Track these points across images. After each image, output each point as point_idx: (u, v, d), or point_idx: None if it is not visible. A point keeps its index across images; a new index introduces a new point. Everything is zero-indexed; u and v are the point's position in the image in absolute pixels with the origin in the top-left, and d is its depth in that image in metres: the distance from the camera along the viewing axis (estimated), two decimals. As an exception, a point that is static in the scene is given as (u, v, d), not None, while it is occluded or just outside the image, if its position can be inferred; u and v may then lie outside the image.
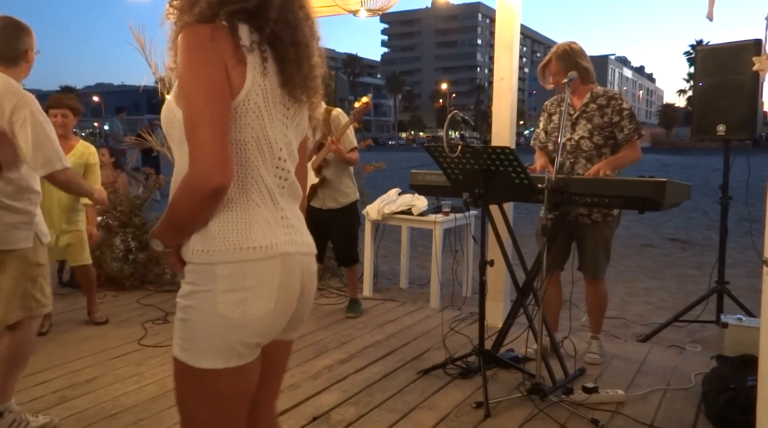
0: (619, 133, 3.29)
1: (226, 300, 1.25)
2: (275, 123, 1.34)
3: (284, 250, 1.31)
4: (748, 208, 5.31)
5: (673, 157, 32.16)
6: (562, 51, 3.31)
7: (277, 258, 1.29)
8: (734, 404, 2.59)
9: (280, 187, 1.37)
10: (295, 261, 1.35)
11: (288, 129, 1.39)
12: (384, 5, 4.18)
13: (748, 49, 3.79)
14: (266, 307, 1.28)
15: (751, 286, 5.25)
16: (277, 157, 1.36)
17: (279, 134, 1.36)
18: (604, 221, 3.32)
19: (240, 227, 1.28)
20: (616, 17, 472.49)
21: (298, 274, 1.36)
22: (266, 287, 1.28)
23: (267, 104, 1.31)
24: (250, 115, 1.29)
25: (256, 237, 1.28)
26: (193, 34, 1.24)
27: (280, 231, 1.33)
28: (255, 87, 1.28)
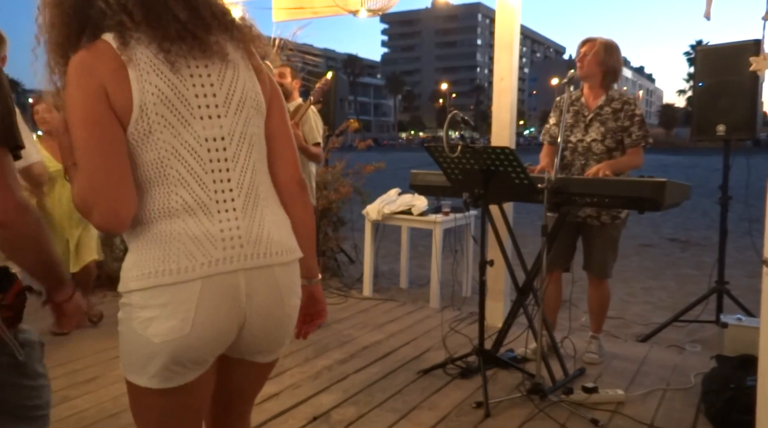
0: (626, 138, 3.29)
1: (140, 317, 1.16)
2: (194, 121, 1.19)
3: (206, 272, 1.16)
4: (748, 208, 5.30)
5: (673, 157, 32.16)
6: (610, 42, 3.30)
7: (195, 282, 1.15)
8: (734, 404, 2.59)
9: (220, 193, 1.21)
10: (228, 279, 1.18)
11: (224, 118, 1.22)
12: (384, 5, 4.19)
13: (748, 49, 3.79)
14: (181, 330, 1.15)
15: (751, 286, 5.25)
16: (208, 160, 1.20)
17: (209, 131, 1.20)
18: (612, 223, 3.33)
19: (155, 249, 1.17)
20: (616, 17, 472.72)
21: (235, 293, 1.19)
22: (180, 309, 1.15)
23: (172, 106, 1.16)
24: (155, 129, 1.15)
25: (173, 259, 1.15)
26: (73, 61, 1.15)
27: (213, 247, 1.18)
28: (147, 96, 1.14)
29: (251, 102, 1.26)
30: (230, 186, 1.22)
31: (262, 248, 1.23)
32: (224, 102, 1.22)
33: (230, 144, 1.22)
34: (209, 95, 1.21)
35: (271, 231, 1.26)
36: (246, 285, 1.20)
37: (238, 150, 1.24)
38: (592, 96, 3.38)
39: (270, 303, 1.25)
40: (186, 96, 1.18)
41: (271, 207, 1.29)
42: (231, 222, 1.21)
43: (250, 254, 1.21)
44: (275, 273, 1.25)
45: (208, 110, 1.20)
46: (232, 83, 1.23)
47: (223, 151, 1.22)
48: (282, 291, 1.26)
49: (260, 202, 1.26)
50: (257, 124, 1.28)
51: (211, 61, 1.22)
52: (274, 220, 1.28)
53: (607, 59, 3.29)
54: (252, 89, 1.27)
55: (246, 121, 1.25)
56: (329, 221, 5.65)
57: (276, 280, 1.25)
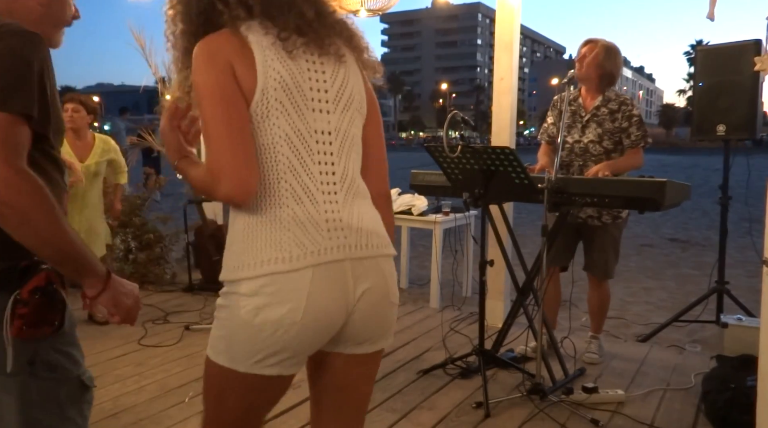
0: (625, 139, 3.29)
1: (249, 305, 1.18)
2: (307, 112, 1.24)
3: (317, 260, 1.19)
4: (748, 208, 5.30)
5: (673, 157, 32.16)
6: (611, 45, 3.29)
7: (307, 270, 1.18)
8: (734, 404, 2.59)
9: (325, 185, 1.24)
10: (337, 267, 1.21)
11: (332, 114, 1.27)
12: (384, 5, 4.18)
13: (748, 49, 3.79)
14: (292, 318, 1.17)
15: (751, 286, 5.24)
16: (316, 151, 1.24)
17: (318, 124, 1.25)
18: (613, 223, 3.32)
19: (266, 235, 1.19)
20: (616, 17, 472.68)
21: (343, 281, 1.22)
22: (292, 297, 1.17)
23: (290, 93, 1.22)
24: (273, 114, 1.20)
25: (285, 246, 1.18)
26: (199, 45, 1.21)
27: (320, 235, 1.21)
28: (269, 81, 1.19)
29: (357, 104, 1.31)
30: (334, 179, 1.26)
31: (364, 239, 1.27)
32: (334, 98, 1.27)
33: (335, 139, 1.27)
34: (322, 90, 1.26)
35: (371, 224, 1.30)
36: (353, 274, 1.24)
37: (342, 146, 1.28)
38: (589, 97, 3.38)
39: (377, 292, 1.27)
40: (302, 86, 1.23)
41: (369, 206, 1.33)
42: (335, 213, 1.24)
43: (355, 244, 1.25)
44: (380, 263, 1.29)
45: (320, 104, 1.25)
46: (343, 82, 1.29)
47: (329, 145, 1.26)
48: (388, 280, 1.30)
49: (359, 198, 1.30)
50: (358, 126, 1.33)
51: (327, 58, 1.27)
52: (372, 216, 1.32)
53: (606, 63, 3.28)
54: (359, 92, 1.32)
55: (350, 121, 1.30)
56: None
57: (382, 270, 1.29)
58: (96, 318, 4.12)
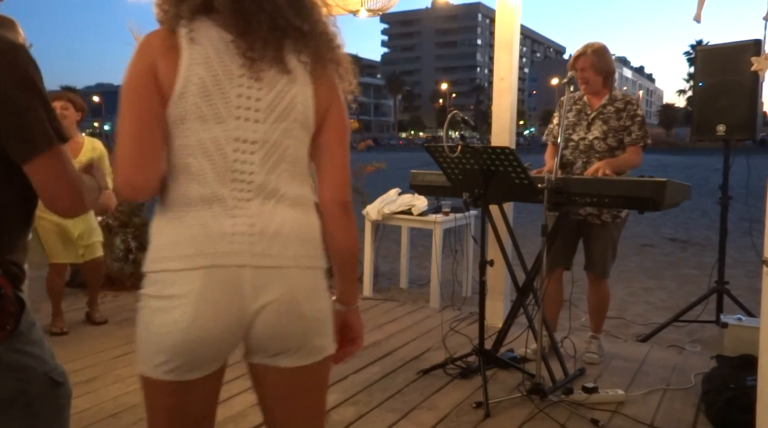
0: (626, 137, 3.31)
1: (149, 306, 1.20)
2: (229, 119, 1.19)
3: (210, 262, 1.16)
4: (748, 208, 5.31)
5: (673, 157, 32.17)
6: (599, 47, 3.32)
7: (198, 271, 1.16)
8: (734, 404, 2.59)
9: (238, 192, 1.21)
10: (233, 273, 1.18)
11: (262, 123, 1.21)
12: (384, 5, 4.18)
13: (748, 49, 3.79)
14: (181, 322, 1.16)
15: (751, 286, 5.25)
16: (233, 159, 1.20)
17: (241, 132, 1.20)
18: (613, 222, 3.33)
19: (168, 233, 1.20)
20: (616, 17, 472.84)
21: (237, 288, 1.18)
22: (183, 301, 1.16)
23: (211, 99, 1.18)
24: (189, 118, 1.18)
25: (181, 246, 1.18)
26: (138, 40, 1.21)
27: (222, 239, 1.18)
28: (189, 85, 1.16)
29: (297, 115, 1.24)
30: (250, 187, 1.22)
31: (276, 248, 1.21)
32: (267, 108, 1.22)
33: (260, 148, 1.22)
34: (253, 98, 1.21)
35: (293, 234, 1.24)
36: (253, 282, 1.19)
37: (267, 156, 1.23)
38: (595, 97, 3.40)
39: (283, 304, 1.21)
40: (228, 93, 1.19)
41: (297, 215, 1.26)
42: (244, 219, 1.20)
43: (262, 252, 1.20)
44: (290, 274, 1.23)
45: (247, 112, 1.20)
46: (281, 92, 1.22)
47: (251, 155, 1.22)
48: (297, 292, 1.23)
49: (283, 208, 1.24)
50: (298, 137, 1.26)
51: (266, 66, 1.21)
52: (300, 225, 1.26)
53: (602, 64, 3.32)
54: (302, 103, 1.24)
55: (285, 132, 1.24)
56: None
57: (291, 281, 1.22)
58: (94, 320, 4.13)
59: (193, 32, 1.18)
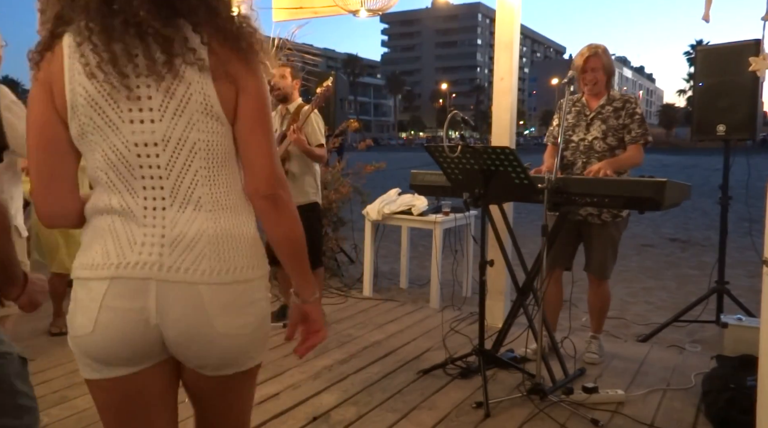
0: (626, 135, 3.32)
1: (70, 308, 1.21)
2: (123, 125, 1.13)
3: (115, 273, 1.14)
4: (748, 208, 5.30)
5: (673, 157, 32.16)
6: (604, 48, 3.35)
7: (104, 280, 1.14)
8: (734, 404, 2.59)
9: (150, 200, 1.16)
10: (137, 285, 1.14)
11: (158, 122, 1.13)
12: (384, 5, 4.19)
13: (748, 49, 3.79)
14: (85, 327, 1.16)
15: (751, 286, 5.25)
16: (137, 165, 1.14)
17: (139, 136, 1.14)
18: (613, 222, 3.33)
19: (85, 243, 1.20)
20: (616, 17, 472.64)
21: (141, 301, 1.14)
22: (89, 307, 1.16)
23: (100, 109, 1.12)
24: (87, 131, 1.14)
25: (93, 255, 1.17)
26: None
27: (130, 249, 1.15)
28: (77, 98, 1.12)
29: (196, 105, 1.14)
30: (163, 194, 1.16)
31: (187, 263, 1.15)
32: (160, 105, 1.13)
33: (164, 150, 1.14)
34: (144, 97, 1.12)
35: (207, 247, 1.16)
36: (158, 296, 1.14)
37: (174, 156, 1.15)
38: (594, 97, 3.40)
39: (191, 321, 1.15)
40: (116, 98, 1.12)
41: (220, 221, 1.18)
42: (156, 228, 1.15)
43: (169, 266, 1.14)
44: (200, 291, 1.15)
45: (141, 114, 1.13)
46: (172, 84, 1.13)
47: (156, 158, 1.15)
48: (208, 309, 1.15)
49: (201, 214, 1.17)
50: (206, 129, 1.16)
51: (149, 58, 1.11)
52: (217, 236, 1.17)
53: (609, 64, 3.38)
54: (199, 91, 1.14)
55: (188, 126, 1.14)
56: (329, 221, 5.65)
57: (200, 298, 1.15)
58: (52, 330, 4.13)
59: (68, 42, 1.13)
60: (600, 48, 3.33)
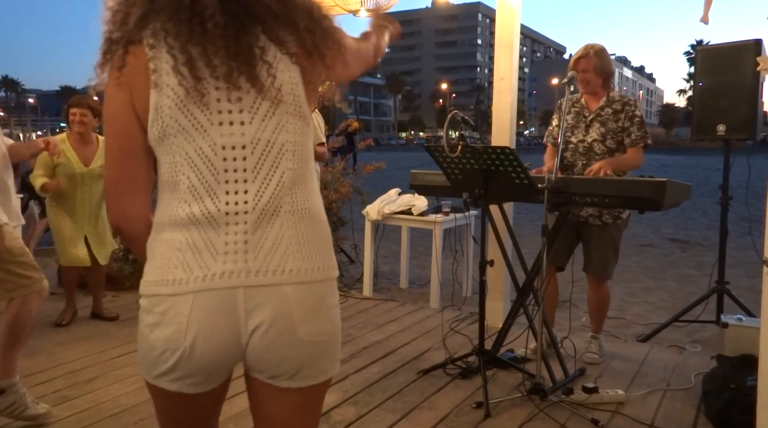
0: (626, 138, 3.31)
1: (146, 321, 1.16)
2: (212, 128, 1.11)
3: (200, 287, 1.11)
4: (748, 208, 5.30)
5: (673, 157, 32.16)
6: (599, 48, 3.32)
7: (188, 295, 1.11)
8: (734, 404, 2.59)
9: (233, 205, 1.12)
10: (225, 295, 1.11)
11: (248, 124, 1.12)
12: (384, 5, 4.18)
13: (748, 49, 3.79)
14: (177, 340, 1.12)
15: (751, 286, 5.25)
16: (223, 170, 1.12)
17: (228, 138, 1.11)
18: (614, 223, 3.33)
19: (158, 256, 1.15)
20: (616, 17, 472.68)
21: (231, 311, 1.11)
22: (177, 320, 1.12)
23: (187, 109, 1.10)
24: (169, 133, 1.11)
25: (171, 270, 1.12)
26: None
27: (213, 260, 1.11)
28: (163, 98, 1.09)
29: (287, 106, 1.13)
30: (246, 198, 1.12)
31: (273, 265, 1.13)
32: (251, 106, 1.11)
33: (252, 153, 1.12)
34: (233, 99, 1.11)
35: (290, 248, 1.14)
36: (246, 303, 1.11)
37: (262, 160, 1.13)
38: (593, 98, 3.39)
39: (276, 327, 1.13)
40: (206, 100, 1.10)
41: (299, 223, 1.16)
42: (239, 235, 1.12)
43: (255, 270, 1.12)
44: (285, 292, 1.13)
45: (230, 116, 1.11)
46: (265, 83, 1.11)
47: (243, 161, 1.12)
48: (293, 312, 1.13)
49: (282, 217, 1.15)
50: (295, 131, 1.15)
51: (240, 55, 1.10)
52: (298, 236, 1.16)
53: (603, 65, 3.32)
54: (290, 92, 1.13)
55: (277, 128, 1.13)
56: (329, 221, 5.64)
57: (285, 300, 1.13)
58: (104, 316, 4.21)
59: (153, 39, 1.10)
60: (594, 49, 3.30)
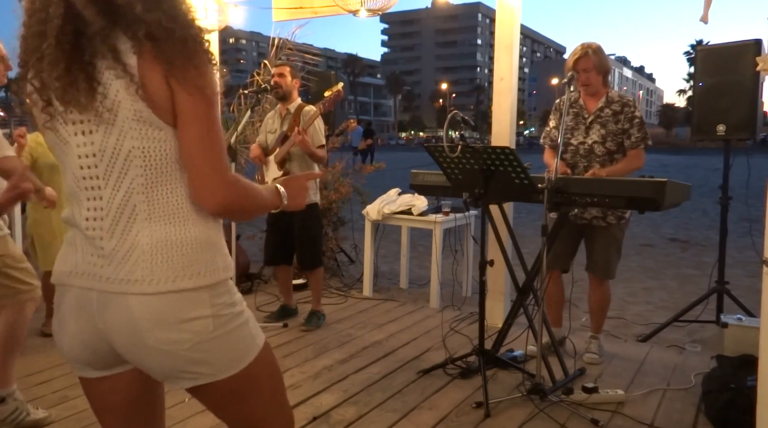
0: (626, 140, 3.31)
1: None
2: (70, 138, 1.17)
3: (68, 281, 1.22)
4: (748, 208, 5.30)
5: (673, 157, 32.14)
6: (596, 46, 3.31)
7: (61, 287, 1.25)
8: (734, 404, 2.59)
9: (92, 211, 1.18)
10: (83, 295, 1.19)
11: (95, 133, 1.14)
12: (384, 5, 4.18)
13: (748, 49, 3.79)
14: (55, 327, 1.28)
15: (751, 286, 5.25)
16: (81, 177, 1.18)
17: (82, 148, 1.16)
18: (617, 223, 3.33)
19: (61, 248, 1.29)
20: (616, 17, 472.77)
21: (88, 311, 1.19)
22: (57, 309, 1.27)
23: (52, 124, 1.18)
24: (51, 145, 1.23)
25: (59, 261, 1.26)
26: None
27: (82, 258, 1.20)
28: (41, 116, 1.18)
29: (127, 112, 1.11)
30: (101, 204, 1.17)
31: (123, 273, 1.15)
32: (96, 115, 1.13)
33: (101, 160, 1.15)
34: (80, 107, 1.13)
35: (142, 257, 1.14)
36: (98, 306, 1.18)
37: (110, 166, 1.15)
38: (591, 98, 3.39)
39: (126, 332, 1.16)
40: (63, 115, 1.16)
41: (157, 230, 1.15)
42: (96, 241, 1.18)
43: (107, 277, 1.16)
44: (129, 303, 1.14)
45: (82, 126, 1.15)
46: (103, 91, 1.11)
47: (95, 168, 1.16)
48: (138, 321, 1.14)
49: (137, 223, 1.15)
50: (142, 137, 1.13)
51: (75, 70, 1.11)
52: (153, 244, 1.15)
53: (602, 63, 3.32)
54: (127, 98, 1.11)
55: (120, 134, 1.13)
56: (329, 221, 5.65)
57: (130, 310, 1.14)
58: None
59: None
60: (591, 47, 3.29)
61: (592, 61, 3.27)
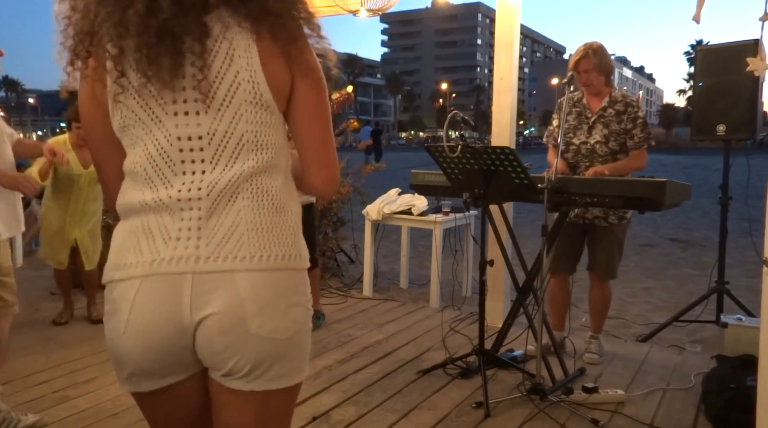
0: (629, 140, 3.31)
1: (105, 311, 1.15)
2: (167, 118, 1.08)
3: (147, 271, 1.07)
4: (748, 208, 5.31)
5: (673, 157, 32.14)
6: (598, 46, 3.31)
7: (136, 279, 1.08)
8: (734, 404, 2.59)
9: (186, 192, 1.09)
10: (171, 281, 1.07)
11: (204, 115, 1.08)
12: (384, 5, 4.18)
13: (748, 49, 3.78)
14: (117, 329, 1.10)
15: (751, 286, 5.24)
16: (179, 161, 1.10)
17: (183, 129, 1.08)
18: (619, 223, 3.33)
19: (117, 244, 1.14)
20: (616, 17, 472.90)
21: (175, 297, 1.07)
22: (122, 308, 1.09)
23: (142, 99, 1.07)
24: (128, 124, 1.10)
25: (124, 254, 1.11)
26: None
27: (165, 244, 1.08)
28: (116, 88, 1.08)
29: (244, 94, 1.08)
30: (200, 185, 1.09)
31: (226, 251, 1.07)
32: (207, 95, 1.06)
33: (209, 144, 1.09)
34: (188, 88, 1.06)
35: (246, 234, 1.09)
36: (193, 291, 1.06)
37: (219, 151, 1.09)
38: (594, 98, 3.39)
39: (225, 314, 1.07)
40: (160, 90, 1.06)
41: (259, 211, 1.11)
42: (193, 221, 1.08)
43: (206, 256, 1.07)
44: (236, 280, 1.07)
45: (185, 105, 1.07)
46: (220, 71, 1.06)
47: (200, 152, 1.09)
48: (245, 302, 1.07)
49: (239, 203, 1.10)
50: (254, 120, 1.10)
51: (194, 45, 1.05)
52: (256, 224, 1.10)
53: (603, 63, 3.31)
54: (248, 80, 1.07)
55: (234, 118, 1.09)
56: (329, 221, 5.65)
57: (236, 289, 1.07)
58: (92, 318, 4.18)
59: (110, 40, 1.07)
60: (592, 48, 3.28)
61: (592, 62, 3.27)
